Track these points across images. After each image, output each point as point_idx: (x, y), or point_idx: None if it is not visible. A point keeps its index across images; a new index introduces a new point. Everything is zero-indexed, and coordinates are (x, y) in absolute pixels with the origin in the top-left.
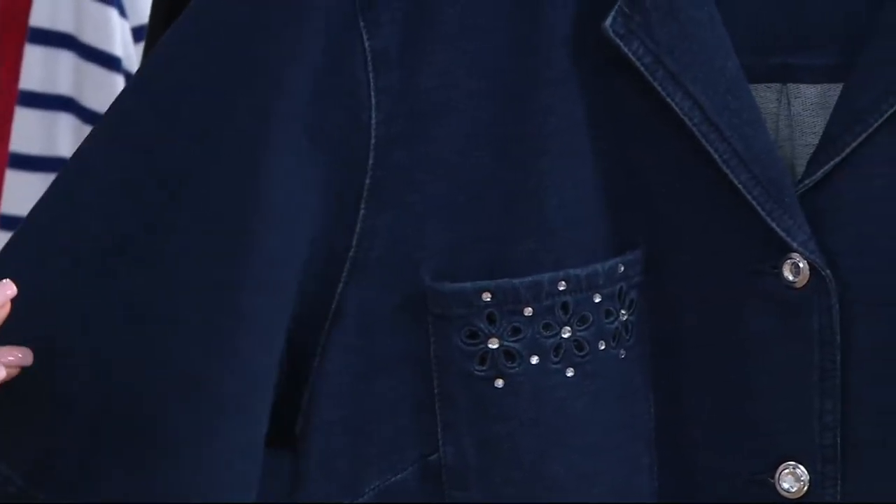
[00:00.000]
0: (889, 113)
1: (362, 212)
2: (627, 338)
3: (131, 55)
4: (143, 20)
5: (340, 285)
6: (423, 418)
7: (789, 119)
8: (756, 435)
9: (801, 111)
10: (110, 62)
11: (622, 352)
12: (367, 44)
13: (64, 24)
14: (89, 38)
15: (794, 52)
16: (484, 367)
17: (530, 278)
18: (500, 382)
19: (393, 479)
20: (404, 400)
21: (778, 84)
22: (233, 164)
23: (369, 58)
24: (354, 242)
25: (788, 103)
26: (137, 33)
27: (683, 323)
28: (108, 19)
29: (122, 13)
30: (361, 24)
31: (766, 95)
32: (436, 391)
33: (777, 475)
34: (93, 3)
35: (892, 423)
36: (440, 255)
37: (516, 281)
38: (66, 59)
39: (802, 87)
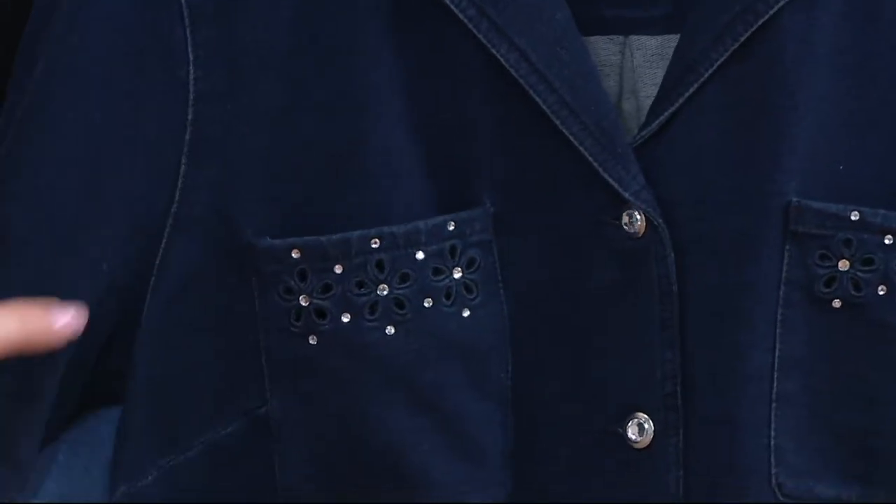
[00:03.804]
0: (720, 62)
1: (183, 167)
2: (471, 297)
3: None
4: None
5: (164, 241)
6: (251, 372)
7: (633, 71)
8: (605, 387)
9: (643, 63)
10: None
11: (465, 311)
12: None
13: None
14: None
15: (632, 4)
16: (299, 324)
17: (338, 236)
18: (313, 339)
19: (222, 432)
20: (233, 354)
21: (621, 36)
22: (44, 126)
23: (186, 13)
24: (178, 197)
25: (632, 55)
26: None
27: (536, 279)
28: None
29: None
30: None
31: (608, 48)
32: (262, 345)
33: (625, 426)
34: None
35: (725, 370)
36: (262, 211)
37: (324, 238)
38: None
39: (644, 38)
